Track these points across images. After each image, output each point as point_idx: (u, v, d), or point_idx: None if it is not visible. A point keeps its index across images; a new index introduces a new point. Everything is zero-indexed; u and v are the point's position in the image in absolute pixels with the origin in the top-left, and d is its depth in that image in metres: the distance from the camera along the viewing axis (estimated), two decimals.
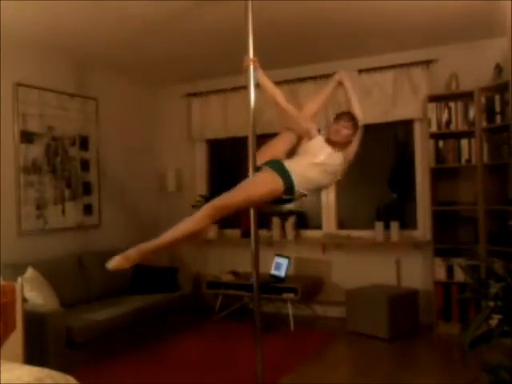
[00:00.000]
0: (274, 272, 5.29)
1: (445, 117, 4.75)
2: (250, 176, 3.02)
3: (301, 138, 3.10)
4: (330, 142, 2.97)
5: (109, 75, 5.61)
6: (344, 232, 5.53)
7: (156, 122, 6.32)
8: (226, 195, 2.80)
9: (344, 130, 2.96)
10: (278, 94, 3.03)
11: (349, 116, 3.02)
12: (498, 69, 4.53)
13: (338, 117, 3.03)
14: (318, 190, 3.12)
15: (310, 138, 3.00)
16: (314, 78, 5.42)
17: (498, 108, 4.48)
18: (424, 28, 4.44)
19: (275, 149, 3.11)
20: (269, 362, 3.35)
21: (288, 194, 2.89)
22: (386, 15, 4.11)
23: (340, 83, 3.28)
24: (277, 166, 2.91)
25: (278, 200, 2.96)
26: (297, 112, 3.09)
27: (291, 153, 3.13)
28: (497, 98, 4.48)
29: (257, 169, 3.01)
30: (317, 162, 2.91)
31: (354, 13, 4.02)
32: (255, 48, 3.13)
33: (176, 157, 6.27)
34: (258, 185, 2.89)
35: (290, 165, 2.91)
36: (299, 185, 2.89)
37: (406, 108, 5.06)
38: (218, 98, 5.94)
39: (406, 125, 5.22)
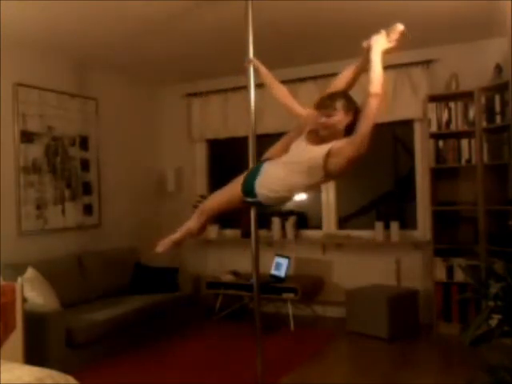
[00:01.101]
0: (273, 272, 5.29)
1: (445, 117, 4.75)
2: None
3: None
4: (320, 137, 2.53)
5: (109, 75, 5.61)
6: (344, 232, 5.54)
7: (156, 122, 6.32)
8: (211, 196, 2.94)
9: (330, 119, 2.45)
10: (276, 86, 2.86)
11: (332, 98, 2.49)
12: (498, 69, 4.53)
13: (318, 105, 2.52)
14: (298, 191, 2.68)
15: None
16: (314, 78, 5.42)
17: (498, 108, 4.48)
18: (424, 28, 4.43)
19: (277, 149, 2.88)
20: (269, 362, 3.35)
21: (249, 196, 2.67)
22: (385, 15, 4.09)
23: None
24: (253, 168, 2.79)
25: (251, 202, 2.74)
26: (295, 104, 2.79)
27: None
28: (497, 97, 4.48)
29: None
30: (284, 160, 2.63)
31: (354, 13, 4.02)
32: (255, 48, 3.14)
33: (176, 157, 6.27)
34: (229, 187, 2.80)
35: (267, 165, 2.70)
36: (264, 187, 2.62)
37: (406, 108, 5.06)
38: (218, 98, 5.94)
39: (406, 125, 5.22)
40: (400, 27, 2.58)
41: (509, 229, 4.27)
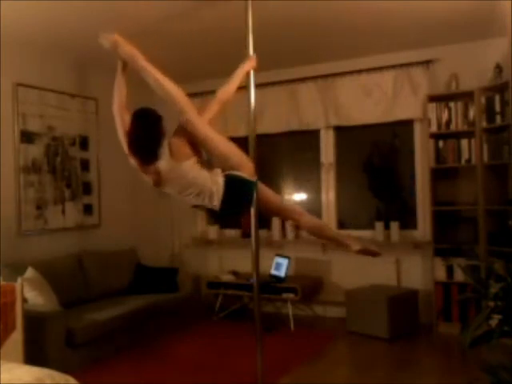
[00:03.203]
0: (273, 272, 5.29)
1: (445, 117, 4.75)
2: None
3: None
4: None
5: (109, 75, 5.54)
6: (344, 232, 5.52)
7: None
8: None
9: None
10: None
11: None
12: (498, 69, 4.53)
13: None
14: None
15: None
16: (314, 78, 5.41)
17: (498, 108, 4.48)
18: (424, 28, 4.44)
19: None
20: (269, 362, 3.34)
21: None
22: (385, 15, 4.11)
23: None
24: None
25: None
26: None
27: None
28: (497, 98, 4.48)
29: None
30: None
31: (354, 13, 4.02)
32: (255, 48, 3.14)
33: None
34: None
35: None
36: None
37: (406, 108, 5.06)
38: None
39: (406, 125, 5.21)
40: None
41: (509, 229, 4.27)
